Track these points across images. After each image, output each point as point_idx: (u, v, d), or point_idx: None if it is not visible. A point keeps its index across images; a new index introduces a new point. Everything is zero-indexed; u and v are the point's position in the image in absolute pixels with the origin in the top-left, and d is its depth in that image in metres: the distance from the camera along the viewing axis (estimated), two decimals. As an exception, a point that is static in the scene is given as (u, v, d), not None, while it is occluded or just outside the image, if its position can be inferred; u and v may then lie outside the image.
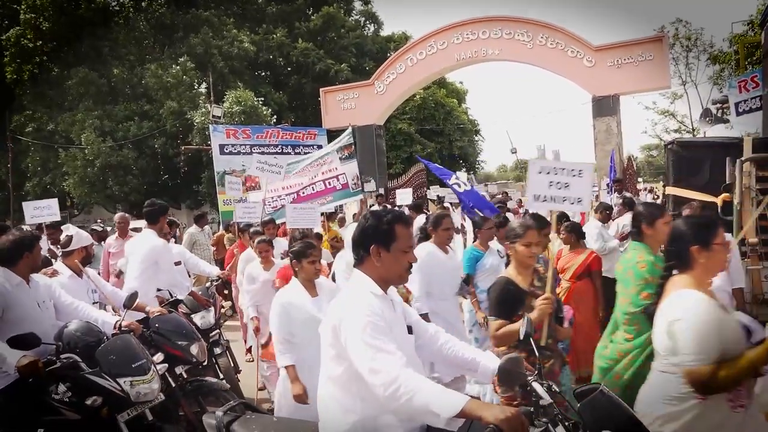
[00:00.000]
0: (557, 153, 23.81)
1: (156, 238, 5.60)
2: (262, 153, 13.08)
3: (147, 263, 5.45)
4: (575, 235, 6.16)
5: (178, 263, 6.13)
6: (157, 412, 3.93)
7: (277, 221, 8.05)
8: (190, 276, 7.07)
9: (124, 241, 7.75)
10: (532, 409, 2.19)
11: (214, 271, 6.62)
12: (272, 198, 9.51)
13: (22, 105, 27.22)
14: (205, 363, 4.68)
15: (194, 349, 4.25)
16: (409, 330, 2.46)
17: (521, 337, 2.60)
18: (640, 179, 29.04)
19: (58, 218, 8.13)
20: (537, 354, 2.51)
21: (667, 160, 7.82)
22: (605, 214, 7.59)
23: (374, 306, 2.24)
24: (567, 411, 2.47)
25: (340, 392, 2.29)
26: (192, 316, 5.44)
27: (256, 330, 5.49)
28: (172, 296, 5.44)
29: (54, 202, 8.11)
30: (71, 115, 25.40)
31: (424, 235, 5.14)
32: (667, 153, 7.81)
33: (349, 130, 10.17)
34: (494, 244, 5.63)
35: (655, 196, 21.12)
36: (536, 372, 2.36)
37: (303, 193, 9.49)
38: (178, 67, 24.94)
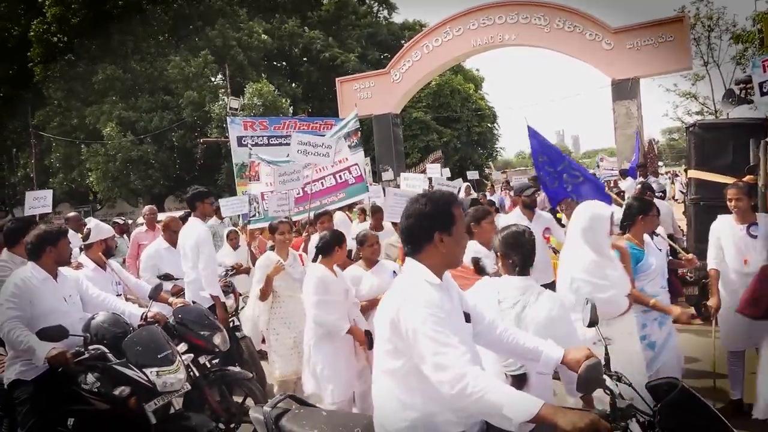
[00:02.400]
0: (576, 138, 23.54)
1: (200, 225, 5.60)
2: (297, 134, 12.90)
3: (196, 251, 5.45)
4: None
5: None
6: (183, 401, 4.03)
7: (289, 217, 7.07)
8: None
9: (154, 233, 7.82)
10: (608, 410, 2.06)
11: (225, 264, 6.66)
12: (271, 192, 8.03)
13: (46, 101, 27.63)
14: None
15: (217, 339, 4.29)
16: (467, 318, 2.34)
17: (586, 325, 2.42)
18: (661, 163, 28.60)
19: (49, 210, 8.28)
20: (605, 343, 2.33)
21: (688, 143, 7.69)
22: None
23: (433, 297, 2.13)
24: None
25: (398, 387, 2.18)
26: None
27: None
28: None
29: (48, 194, 8.21)
30: (97, 108, 25.75)
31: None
32: (688, 136, 7.68)
33: (355, 112, 8.60)
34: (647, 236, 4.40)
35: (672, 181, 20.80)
36: (604, 364, 2.19)
37: (310, 189, 7.79)
38: (199, 59, 25.13)
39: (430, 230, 2.23)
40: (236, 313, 6.00)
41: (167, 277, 5.35)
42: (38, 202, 8.11)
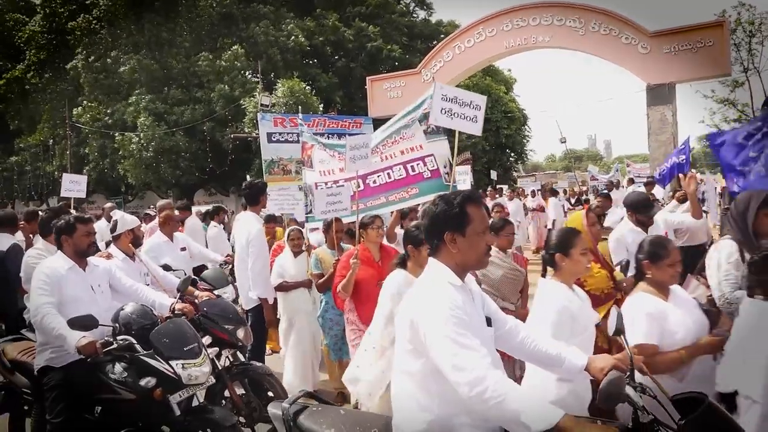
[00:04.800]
0: (609, 143, 23.20)
1: (255, 221, 5.58)
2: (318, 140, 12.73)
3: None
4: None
5: (183, 249, 6.24)
6: (205, 394, 4.06)
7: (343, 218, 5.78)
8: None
9: None
10: (630, 424, 2.03)
11: (218, 257, 6.74)
12: (326, 184, 6.32)
13: (81, 93, 28.28)
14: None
15: (240, 333, 4.33)
16: (488, 322, 2.31)
17: (611, 333, 2.37)
18: (694, 170, 27.91)
19: (83, 195, 8.48)
20: (630, 352, 2.26)
21: (725, 151, 7.51)
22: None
23: (455, 298, 2.10)
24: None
25: (417, 389, 2.16)
26: (214, 291, 5.49)
27: None
28: (185, 275, 5.50)
29: (83, 179, 8.38)
30: (130, 103, 26.31)
31: None
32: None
33: (432, 88, 6.11)
34: None
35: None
36: (628, 374, 2.15)
37: (373, 182, 6.35)
38: (230, 53, 25.53)
39: (441, 230, 2.20)
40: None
41: (166, 267, 5.40)
42: (74, 185, 8.28)
